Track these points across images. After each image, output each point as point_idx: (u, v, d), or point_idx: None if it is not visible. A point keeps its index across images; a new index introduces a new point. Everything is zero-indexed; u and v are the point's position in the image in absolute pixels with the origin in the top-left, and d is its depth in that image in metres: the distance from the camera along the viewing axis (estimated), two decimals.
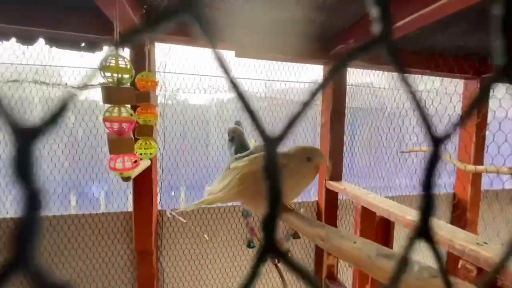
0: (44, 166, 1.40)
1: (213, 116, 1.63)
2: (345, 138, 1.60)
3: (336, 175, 1.56)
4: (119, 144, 0.73)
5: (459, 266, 0.77)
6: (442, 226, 0.88)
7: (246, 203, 0.75)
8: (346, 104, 1.57)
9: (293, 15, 1.16)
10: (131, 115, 0.75)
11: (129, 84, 0.78)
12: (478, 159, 1.52)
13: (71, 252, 1.38)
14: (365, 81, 1.72)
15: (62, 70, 1.38)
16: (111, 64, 0.71)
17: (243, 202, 0.77)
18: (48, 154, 1.38)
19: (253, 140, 1.67)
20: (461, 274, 0.76)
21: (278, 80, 1.62)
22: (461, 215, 1.71)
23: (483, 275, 0.72)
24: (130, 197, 1.42)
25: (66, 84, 1.36)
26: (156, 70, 1.37)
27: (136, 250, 1.37)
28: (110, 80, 0.72)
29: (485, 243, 0.76)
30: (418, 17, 0.92)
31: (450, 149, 1.50)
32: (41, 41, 1.25)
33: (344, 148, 1.60)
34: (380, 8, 0.13)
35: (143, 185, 1.31)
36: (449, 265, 1.80)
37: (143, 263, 1.38)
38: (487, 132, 1.49)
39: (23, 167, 0.11)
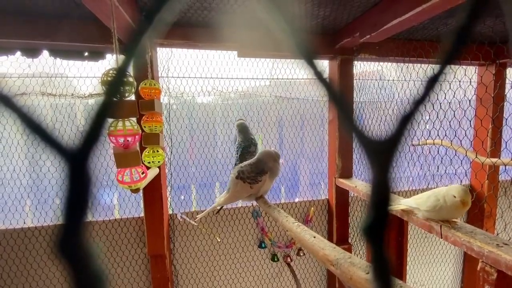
0: (56, 175, 1.43)
1: (218, 118, 1.62)
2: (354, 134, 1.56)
3: (347, 172, 1.53)
4: (125, 157, 0.73)
5: (478, 269, 0.75)
6: (460, 225, 0.85)
7: None
8: (353, 99, 1.53)
9: (295, 10, 1.13)
10: (136, 127, 0.75)
11: (132, 96, 0.77)
12: (495, 153, 1.46)
13: None
14: (373, 74, 1.66)
15: (68, 79, 1.39)
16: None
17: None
18: (60, 163, 1.40)
19: (261, 135, 1.66)
20: (480, 277, 0.73)
21: (282, 79, 1.59)
22: (478, 207, 1.65)
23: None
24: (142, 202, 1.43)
25: (72, 94, 1.37)
26: (159, 75, 1.36)
27: (149, 255, 1.39)
28: None
29: (506, 244, 0.73)
30: (428, 8, 0.87)
31: (466, 143, 1.44)
32: (45, 53, 1.26)
33: (354, 144, 1.56)
34: None
35: (153, 190, 1.32)
36: (466, 266, 1.77)
37: (157, 267, 1.40)
38: (504, 127, 1.43)
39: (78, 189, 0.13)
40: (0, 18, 1.09)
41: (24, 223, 1.38)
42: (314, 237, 0.51)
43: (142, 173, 0.81)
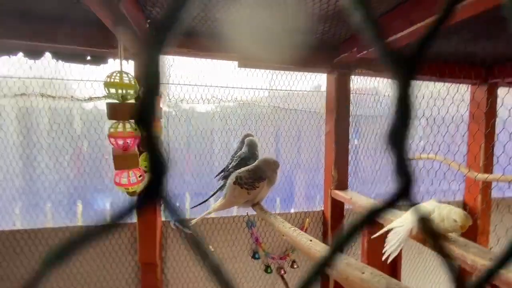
0: (50, 178, 1.41)
1: (216, 126, 1.64)
2: (350, 146, 1.58)
3: (342, 184, 1.54)
4: (124, 159, 0.73)
5: None
6: (454, 238, 0.86)
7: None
8: (350, 112, 1.56)
9: (296, 24, 1.16)
10: (136, 130, 0.75)
11: (134, 99, 0.78)
12: (488, 168, 1.49)
13: (75, 264, 1.37)
14: (369, 88, 1.71)
15: (68, 83, 1.40)
16: (116, 80, 0.71)
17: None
18: (54, 166, 1.39)
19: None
20: None
21: (281, 90, 1.62)
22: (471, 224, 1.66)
23: None
24: None
25: (72, 96, 1.37)
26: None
27: (140, 262, 1.36)
28: (114, 96, 0.72)
29: None
30: (421, 28, 0.91)
31: (459, 158, 1.46)
32: (47, 55, 1.27)
33: (349, 157, 1.58)
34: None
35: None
36: (461, 281, 1.76)
37: (148, 275, 1.36)
38: (496, 142, 1.46)
39: None
40: (3, 19, 1.10)
41: (14, 225, 1.34)
42: (311, 241, 0.51)
43: (140, 176, 0.80)
